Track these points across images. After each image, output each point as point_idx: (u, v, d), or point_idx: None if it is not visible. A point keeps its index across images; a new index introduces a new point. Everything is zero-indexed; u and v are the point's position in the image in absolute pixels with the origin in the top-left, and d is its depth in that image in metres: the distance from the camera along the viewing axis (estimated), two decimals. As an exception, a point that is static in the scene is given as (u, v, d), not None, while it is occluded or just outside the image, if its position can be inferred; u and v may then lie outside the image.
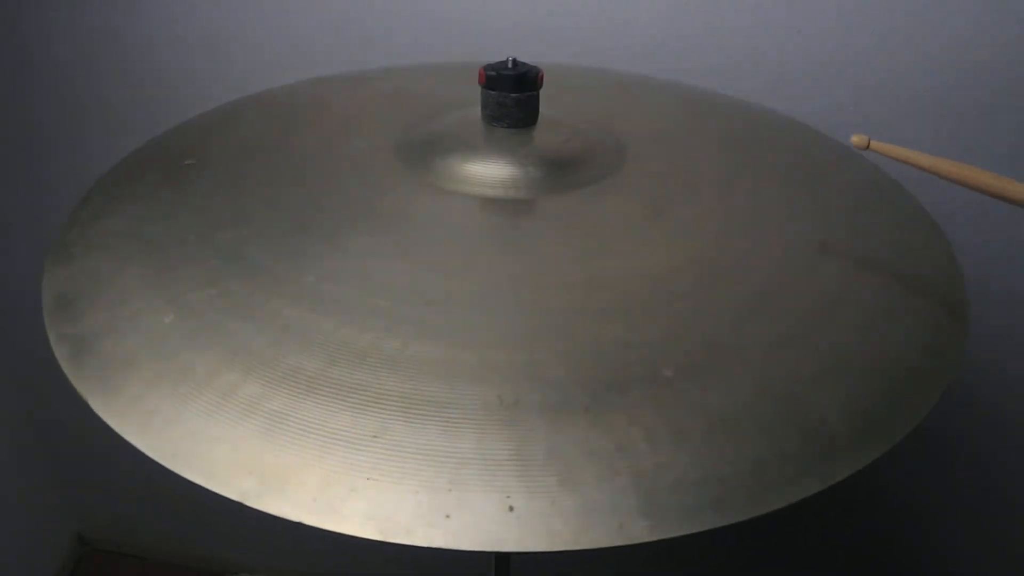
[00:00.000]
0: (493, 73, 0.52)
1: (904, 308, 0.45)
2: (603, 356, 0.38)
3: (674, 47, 0.78)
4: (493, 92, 0.52)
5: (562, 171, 0.51)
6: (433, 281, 0.42)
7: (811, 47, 0.76)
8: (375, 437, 0.34)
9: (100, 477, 1.22)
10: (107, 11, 0.85)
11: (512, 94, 0.51)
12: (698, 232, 0.48)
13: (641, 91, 0.69)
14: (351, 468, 0.33)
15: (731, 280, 0.44)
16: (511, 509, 0.32)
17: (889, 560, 1.09)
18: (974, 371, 0.91)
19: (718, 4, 0.76)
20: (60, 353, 0.40)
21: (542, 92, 0.53)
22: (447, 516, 0.32)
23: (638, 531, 0.32)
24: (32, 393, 1.14)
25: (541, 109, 0.53)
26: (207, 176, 0.53)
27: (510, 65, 0.52)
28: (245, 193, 0.50)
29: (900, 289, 0.46)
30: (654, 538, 0.32)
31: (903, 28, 0.74)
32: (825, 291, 0.44)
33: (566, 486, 0.32)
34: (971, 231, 0.81)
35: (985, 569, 1.05)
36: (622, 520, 0.32)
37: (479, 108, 0.53)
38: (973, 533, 1.03)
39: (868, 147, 0.45)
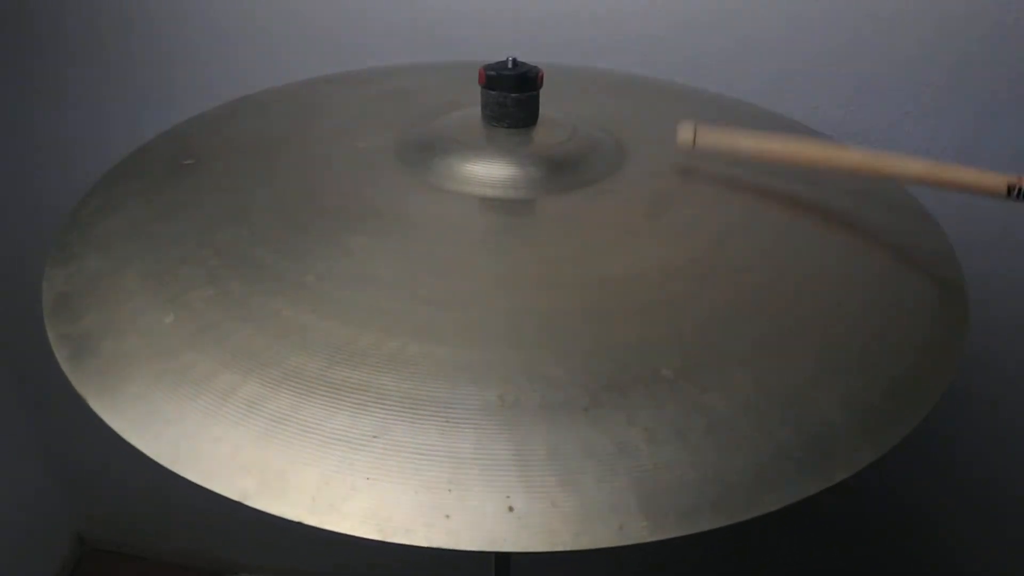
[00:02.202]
0: (493, 73, 0.51)
1: (904, 308, 0.45)
2: (603, 356, 0.38)
3: (674, 47, 0.78)
4: (493, 92, 0.52)
5: (562, 171, 0.51)
6: (433, 281, 0.42)
7: (810, 47, 0.76)
8: (375, 437, 0.34)
9: (100, 477, 1.22)
10: (109, 12, 0.85)
11: (512, 94, 0.51)
12: (698, 232, 0.48)
13: (641, 91, 0.69)
14: (351, 468, 0.33)
15: (731, 280, 0.44)
16: (511, 509, 0.32)
17: (889, 560, 1.09)
18: (974, 371, 0.91)
19: (718, 5, 0.76)
20: (60, 353, 0.40)
21: (542, 92, 0.53)
22: (447, 516, 0.32)
23: (638, 531, 0.32)
24: (32, 393, 1.14)
25: (541, 109, 0.53)
26: (207, 176, 0.53)
27: (510, 65, 0.52)
28: (245, 193, 0.50)
29: (900, 289, 0.46)
30: (654, 539, 0.32)
31: (903, 24, 0.74)
32: (824, 291, 0.44)
33: (566, 486, 0.32)
34: (971, 230, 0.81)
35: (987, 568, 1.06)
36: (622, 520, 0.32)
37: (479, 108, 0.53)
38: (974, 532, 1.03)
39: (694, 145, 0.45)
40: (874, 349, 0.41)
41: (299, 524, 0.32)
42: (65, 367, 0.39)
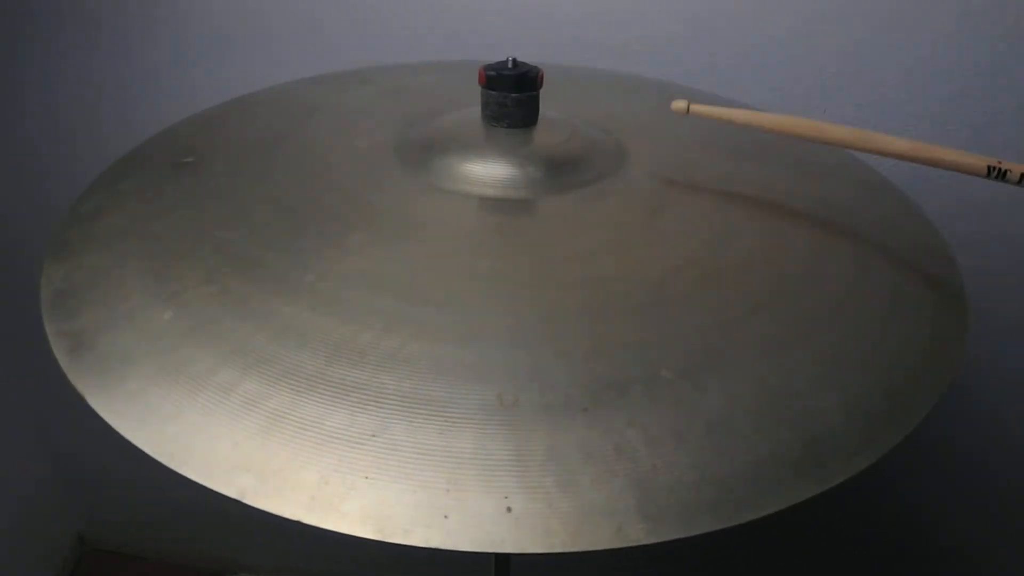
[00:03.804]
0: (493, 73, 0.51)
1: (903, 309, 0.45)
2: (603, 356, 0.38)
3: (674, 48, 0.78)
4: (493, 92, 0.52)
5: (562, 171, 0.51)
6: (433, 281, 0.42)
7: (811, 49, 0.76)
8: (374, 436, 0.34)
9: (100, 477, 1.22)
10: (108, 9, 0.85)
11: (512, 94, 0.51)
12: (698, 232, 0.48)
13: (641, 91, 0.69)
14: (349, 467, 0.33)
15: (730, 281, 0.44)
16: (509, 510, 0.32)
17: (889, 560, 1.09)
18: (974, 371, 0.91)
19: (719, 6, 0.76)
20: (58, 350, 0.40)
21: (542, 92, 0.53)
22: (445, 516, 0.32)
23: (636, 533, 0.32)
24: (31, 391, 1.14)
25: (541, 109, 0.53)
26: (206, 174, 0.53)
27: (510, 65, 0.52)
28: (244, 191, 0.50)
29: (899, 290, 0.46)
30: (652, 540, 0.31)
31: (904, 27, 0.74)
32: (824, 292, 0.44)
33: (564, 487, 0.32)
34: (970, 230, 0.81)
35: (988, 567, 1.05)
36: (620, 522, 0.32)
37: (479, 108, 0.53)
38: (975, 532, 1.03)
39: (688, 111, 0.48)
40: (873, 350, 0.41)
41: (298, 523, 0.32)
42: (63, 364, 0.39)
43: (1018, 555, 1.03)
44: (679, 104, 0.48)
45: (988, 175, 0.42)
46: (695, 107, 0.48)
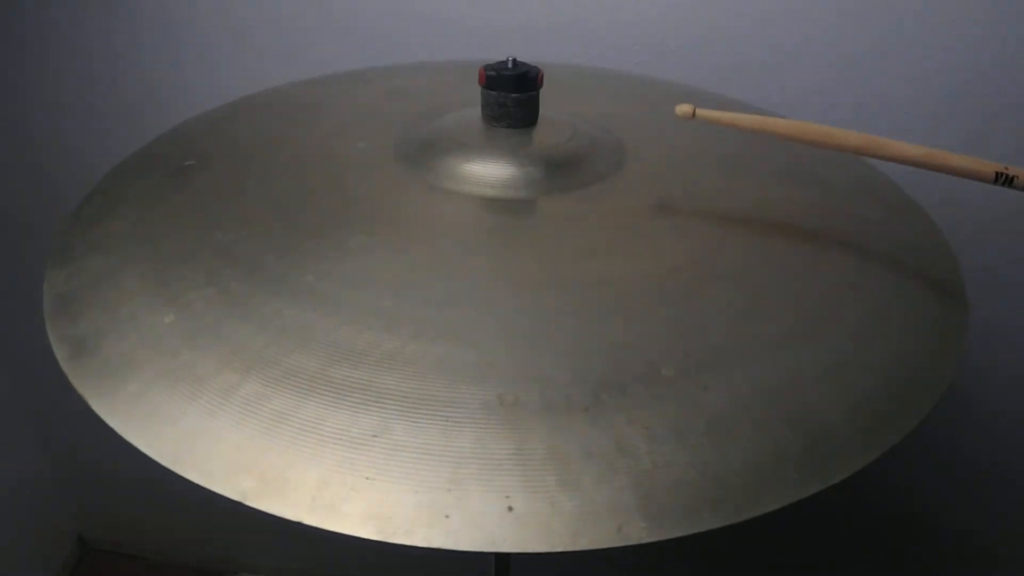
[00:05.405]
0: (493, 73, 0.52)
1: (903, 308, 0.45)
2: (603, 356, 0.38)
3: (674, 47, 0.78)
4: (493, 92, 0.52)
5: (562, 171, 0.51)
6: (433, 281, 0.42)
7: (811, 48, 0.76)
8: (374, 437, 0.34)
9: (100, 477, 1.22)
10: (108, 10, 0.85)
11: (512, 94, 0.51)
12: (698, 232, 0.48)
13: (641, 91, 0.69)
14: (350, 468, 0.33)
15: (731, 280, 0.44)
16: (510, 509, 0.32)
17: (888, 559, 1.09)
18: (974, 371, 0.91)
19: (719, 5, 0.76)
20: (60, 353, 0.40)
21: (542, 92, 0.53)
22: (446, 516, 0.32)
23: (636, 532, 0.32)
24: (32, 393, 1.14)
25: (541, 109, 0.53)
26: (207, 176, 0.53)
27: (510, 65, 0.52)
28: (245, 193, 0.50)
29: (899, 289, 0.46)
30: (652, 539, 0.32)
31: (906, 30, 0.74)
32: (824, 291, 0.44)
33: (565, 486, 0.32)
34: (970, 231, 0.81)
35: (986, 568, 1.05)
36: (621, 521, 0.32)
37: (479, 108, 0.53)
38: (975, 532, 1.03)
39: (694, 116, 0.46)
40: (874, 350, 0.41)
41: (299, 524, 0.32)
42: (65, 367, 0.39)
43: (1019, 555, 1.03)
44: (684, 108, 0.47)
45: (995, 181, 0.42)
46: (701, 112, 0.47)
